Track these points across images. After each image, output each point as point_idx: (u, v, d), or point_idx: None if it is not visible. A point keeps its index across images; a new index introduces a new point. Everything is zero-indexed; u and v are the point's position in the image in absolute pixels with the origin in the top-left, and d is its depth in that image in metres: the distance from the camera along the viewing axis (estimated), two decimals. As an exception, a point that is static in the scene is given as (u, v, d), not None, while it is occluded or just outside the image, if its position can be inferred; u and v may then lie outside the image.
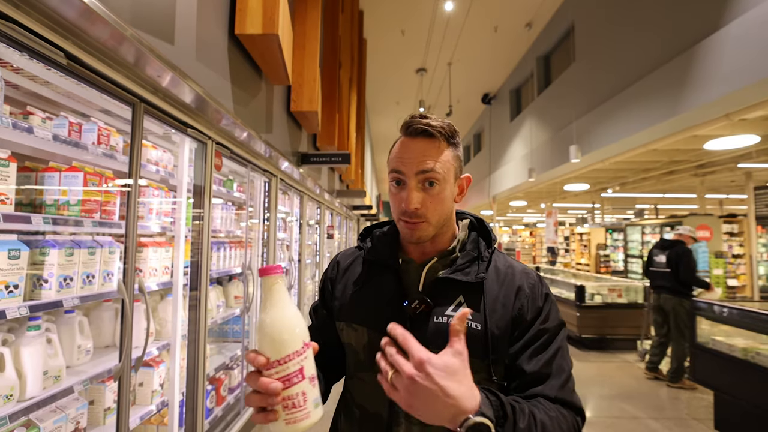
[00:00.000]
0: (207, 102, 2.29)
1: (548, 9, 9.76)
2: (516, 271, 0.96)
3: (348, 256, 1.12)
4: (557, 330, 0.91)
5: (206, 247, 2.73)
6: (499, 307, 0.90)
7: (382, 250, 1.02)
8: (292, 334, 0.70)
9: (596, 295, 6.65)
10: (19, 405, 1.50)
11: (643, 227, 15.06)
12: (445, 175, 0.91)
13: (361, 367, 0.96)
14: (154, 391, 2.38)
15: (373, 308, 0.97)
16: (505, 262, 0.99)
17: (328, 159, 5.37)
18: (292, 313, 0.72)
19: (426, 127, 0.90)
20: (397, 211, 0.94)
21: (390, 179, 0.94)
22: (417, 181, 0.90)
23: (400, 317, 0.92)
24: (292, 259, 5.30)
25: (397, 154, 0.93)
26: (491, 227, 1.03)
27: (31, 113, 1.93)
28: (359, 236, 1.13)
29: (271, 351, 0.69)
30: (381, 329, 0.93)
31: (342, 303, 1.03)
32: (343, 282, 1.06)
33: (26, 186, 1.83)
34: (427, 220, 0.91)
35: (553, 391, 0.83)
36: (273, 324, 0.70)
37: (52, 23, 1.42)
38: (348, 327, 1.00)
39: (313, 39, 4.50)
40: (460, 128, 7.58)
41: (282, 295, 0.72)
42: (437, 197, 0.91)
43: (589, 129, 7.98)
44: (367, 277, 1.02)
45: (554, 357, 0.87)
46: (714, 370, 3.62)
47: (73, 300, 1.78)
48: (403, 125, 0.94)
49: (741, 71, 4.53)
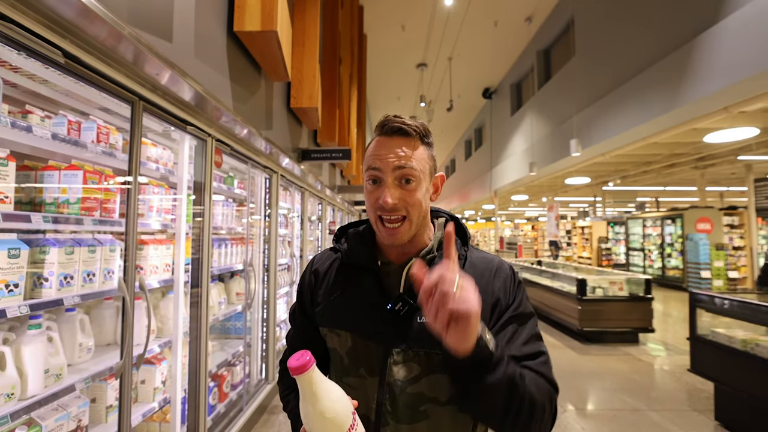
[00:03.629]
0: (206, 99, 2.29)
1: (548, 3, 9.71)
2: (490, 265, 0.98)
3: (324, 260, 1.09)
4: (531, 319, 0.95)
5: (207, 244, 2.74)
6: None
7: (359, 253, 1.01)
8: (344, 415, 0.74)
9: (597, 288, 6.65)
10: (21, 404, 1.51)
11: (645, 220, 15.07)
12: (421, 172, 0.92)
13: (347, 372, 0.96)
14: (156, 388, 2.40)
15: (355, 313, 0.97)
16: (479, 257, 1.01)
17: (329, 155, 5.36)
18: (336, 395, 0.75)
19: (402, 125, 0.92)
20: (373, 208, 0.93)
21: (366, 178, 0.95)
22: (394, 178, 0.91)
23: (383, 320, 0.92)
24: (294, 255, 5.31)
25: (373, 152, 0.94)
26: (465, 225, 1.03)
27: (30, 112, 1.93)
28: (334, 237, 1.11)
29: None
30: (364, 334, 0.93)
31: (324, 309, 1.02)
32: (323, 288, 1.04)
33: (26, 185, 1.83)
34: (407, 217, 0.91)
35: (534, 367, 0.87)
36: (324, 414, 0.72)
37: (49, 22, 1.42)
38: (331, 332, 0.99)
39: (312, 35, 4.48)
40: (461, 123, 7.61)
41: (321, 384, 0.74)
42: (414, 194, 0.92)
43: (589, 123, 7.96)
44: (347, 282, 1.01)
45: (531, 340, 0.91)
46: (714, 361, 3.63)
47: (74, 298, 1.78)
48: (379, 125, 0.95)
49: (740, 64, 4.52)
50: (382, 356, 0.92)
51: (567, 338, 6.79)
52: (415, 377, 0.90)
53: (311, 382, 0.73)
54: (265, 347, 4.14)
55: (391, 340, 0.92)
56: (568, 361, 5.58)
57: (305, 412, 0.73)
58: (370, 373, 0.92)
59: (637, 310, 6.50)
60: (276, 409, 3.92)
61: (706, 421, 3.76)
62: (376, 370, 0.92)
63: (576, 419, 3.78)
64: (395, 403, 0.90)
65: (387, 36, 10.90)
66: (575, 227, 20.51)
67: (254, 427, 3.52)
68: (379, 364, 0.92)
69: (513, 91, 13.41)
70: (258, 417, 3.66)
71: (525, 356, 0.88)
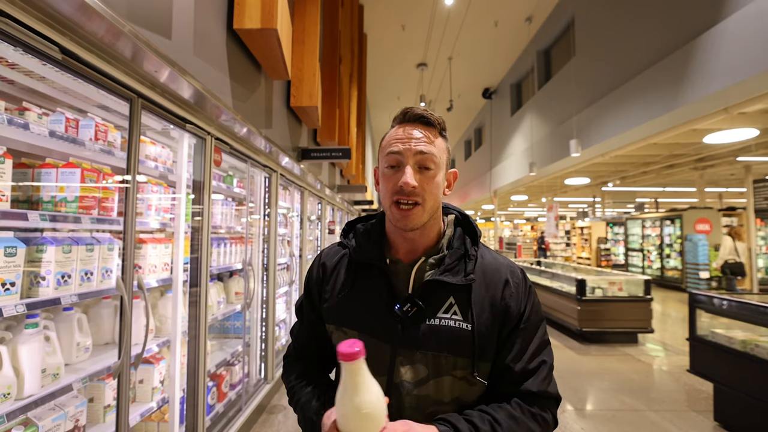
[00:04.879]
0: (205, 97, 2.28)
1: (548, 3, 9.71)
2: (502, 269, 0.97)
3: (332, 255, 1.08)
4: (540, 326, 0.96)
5: (206, 243, 2.72)
6: (487, 307, 0.92)
7: (368, 250, 1.00)
8: (381, 414, 0.75)
9: (597, 288, 6.65)
10: (17, 403, 1.50)
11: (644, 221, 15.07)
12: (439, 161, 0.93)
13: None
14: (155, 387, 2.38)
15: (363, 312, 0.96)
16: (491, 259, 0.99)
17: (329, 154, 5.34)
18: (376, 394, 0.75)
19: (424, 113, 0.93)
20: (390, 192, 0.92)
21: (385, 163, 0.94)
22: (415, 162, 0.91)
23: (391, 320, 0.91)
24: (293, 254, 5.29)
25: (394, 137, 0.94)
26: (475, 222, 1.03)
27: (27, 109, 1.91)
28: (342, 232, 1.10)
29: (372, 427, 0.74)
30: (372, 333, 0.93)
31: (331, 305, 1.01)
32: (331, 283, 1.03)
33: (23, 183, 1.82)
34: (423, 203, 0.91)
35: (535, 386, 0.90)
36: (361, 408, 0.73)
37: (47, 18, 1.40)
38: (338, 330, 0.99)
39: (312, 34, 4.47)
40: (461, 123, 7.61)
41: (366, 377, 0.74)
42: (432, 181, 0.92)
43: (589, 123, 7.96)
44: (355, 279, 1.00)
45: (537, 353, 0.93)
46: (713, 362, 3.63)
47: (72, 297, 1.77)
48: (400, 113, 0.96)
49: (739, 65, 4.52)
50: (390, 357, 0.91)
51: (566, 338, 6.78)
52: (423, 379, 0.90)
53: (357, 372, 0.73)
54: (264, 347, 4.13)
55: (400, 340, 0.91)
56: (567, 362, 5.57)
57: (343, 401, 0.74)
58: (377, 373, 0.91)
59: (637, 310, 6.50)
60: (275, 408, 3.91)
61: (706, 422, 3.75)
62: (383, 370, 0.91)
63: (575, 419, 3.78)
64: (401, 405, 0.90)
65: (387, 35, 10.89)
66: (574, 228, 20.53)
67: (253, 426, 3.51)
68: (387, 365, 0.91)
69: (513, 92, 13.40)
70: (257, 417, 3.65)
71: (527, 373, 0.91)
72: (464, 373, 0.90)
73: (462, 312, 0.91)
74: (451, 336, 0.90)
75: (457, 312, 0.91)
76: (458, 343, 0.89)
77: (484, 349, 0.91)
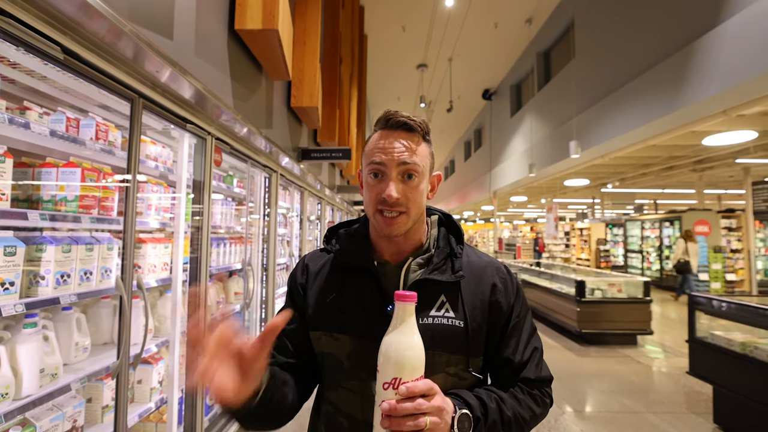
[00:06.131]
0: (206, 97, 2.27)
1: (548, 5, 9.72)
2: (488, 267, 1.00)
3: (317, 259, 1.06)
4: (528, 316, 1.01)
5: (206, 242, 2.72)
6: (477, 304, 0.95)
7: (354, 253, 0.99)
8: (421, 360, 0.77)
9: (596, 290, 6.65)
10: (15, 403, 1.49)
11: (643, 222, 15.09)
12: (423, 168, 0.92)
13: (347, 376, 0.93)
14: (153, 388, 2.38)
15: (354, 315, 0.94)
16: (476, 257, 1.02)
17: (329, 155, 5.35)
18: (421, 344, 0.78)
19: (406, 120, 0.92)
20: (374, 201, 0.92)
21: (368, 171, 0.93)
22: (398, 173, 0.90)
23: (384, 322, 0.91)
24: (293, 254, 5.29)
25: (376, 146, 0.92)
26: (458, 222, 1.04)
27: (28, 108, 1.90)
28: (325, 238, 1.08)
29: (409, 373, 0.75)
30: (366, 336, 0.91)
31: (317, 311, 0.98)
32: (315, 288, 1.01)
33: (23, 182, 1.81)
34: (407, 212, 0.91)
35: (532, 372, 0.95)
36: (413, 347, 0.76)
37: (49, 18, 1.40)
38: (327, 336, 0.96)
39: (313, 34, 4.47)
40: (461, 124, 7.63)
41: (414, 325, 0.78)
42: (416, 189, 0.92)
43: (588, 125, 7.97)
44: (343, 284, 0.98)
45: (529, 342, 0.98)
46: (713, 364, 3.63)
47: (71, 297, 1.76)
48: (381, 118, 0.94)
49: (739, 67, 4.52)
50: None
51: (565, 340, 6.78)
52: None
53: (411, 314, 0.77)
54: (263, 347, 4.11)
55: None
56: (566, 363, 5.57)
57: (391, 339, 0.77)
58: (371, 377, 0.90)
59: (636, 312, 6.50)
60: (273, 409, 3.90)
61: (705, 424, 3.75)
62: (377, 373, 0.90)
63: (574, 421, 3.78)
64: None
65: (387, 36, 10.90)
66: (574, 229, 20.54)
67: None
68: None
69: (513, 93, 13.41)
70: (255, 417, 3.64)
71: (524, 362, 0.96)
72: (456, 369, 0.92)
73: (454, 309, 0.92)
74: (445, 334, 0.90)
75: (449, 309, 0.92)
76: (452, 341, 0.91)
77: (477, 344, 0.93)
